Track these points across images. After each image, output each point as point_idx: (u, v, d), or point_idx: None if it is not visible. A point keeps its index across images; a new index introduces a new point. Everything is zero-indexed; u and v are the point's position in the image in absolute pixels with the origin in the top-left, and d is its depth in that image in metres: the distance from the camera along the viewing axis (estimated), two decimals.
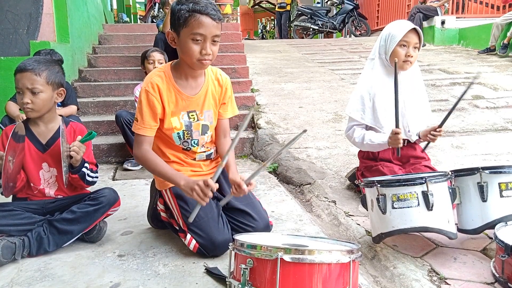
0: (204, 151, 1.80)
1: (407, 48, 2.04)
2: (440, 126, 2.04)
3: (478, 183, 1.64)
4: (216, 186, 1.49)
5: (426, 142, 2.12)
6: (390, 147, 2.08)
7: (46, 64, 1.73)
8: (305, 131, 1.38)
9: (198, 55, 1.56)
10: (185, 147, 1.75)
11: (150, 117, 1.64)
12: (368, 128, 2.19)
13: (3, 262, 1.60)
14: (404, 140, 2.16)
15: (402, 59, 2.05)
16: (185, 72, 1.69)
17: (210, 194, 1.48)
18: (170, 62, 1.74)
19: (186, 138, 1.73)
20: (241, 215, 1.73)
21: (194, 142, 1.75)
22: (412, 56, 2.05)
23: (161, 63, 3.20)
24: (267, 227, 1.75)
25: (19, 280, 1.51)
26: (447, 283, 1.48)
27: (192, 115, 1.72)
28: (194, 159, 1.78)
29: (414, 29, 2.04)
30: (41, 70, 1.70)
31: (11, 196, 1.82)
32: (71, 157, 1.71)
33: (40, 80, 1.70)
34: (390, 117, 2.12)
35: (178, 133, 1.71)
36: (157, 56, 3.27)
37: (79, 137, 1.76)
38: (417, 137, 2.17)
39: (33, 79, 1.68)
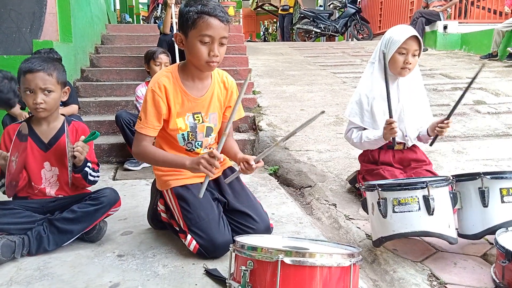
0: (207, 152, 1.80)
1: (406, 55, 2.04)
2: (448, 118, 1.98)
3: (479, 188, 1.64)
4: (221, 156, 1.48)
5: (433, 137, 2.09)
6: (387, 144, 2.10)
7: (53, 64, 1.75)
8: (323, 112, 1.37)
9: (206, 57, 1.58)
10: (188, 148, 1.75)
11: (154, 117, 1.65)
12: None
13: (3, 261, 1.60)
14: (402, 143, 2.17)
15: (400, 66, 2.06)
16: (192, 74, 1.70)
17: (218, 164, 1.47)
18: (178, 63, 1.75)
19: (190, 139, 1.73)
20: (242, 217, 1.73)
21: (198, 143, 1.75)
22: (410, 63, 2.05)
23: (166, 66, 3.22)
24: (267, 229, 1.75)
25: (18, 279, 1.51)
26: None
27: (197, 117, 1.73)
28: None
29: (414, 35, 2.03)
30: (52, 70, 1.72)
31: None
32: (74, 157, 1.71)
33: (52, 79, 1.71)
34: None
35: (183, 134, 1.71)
36: (164, 59, 3.32)
37: (83, 137, 1.77)
38: (415, 142, 2.18)
39: (46, 79, 1.69)
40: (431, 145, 2.12)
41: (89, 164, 1.78)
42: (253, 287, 1.14)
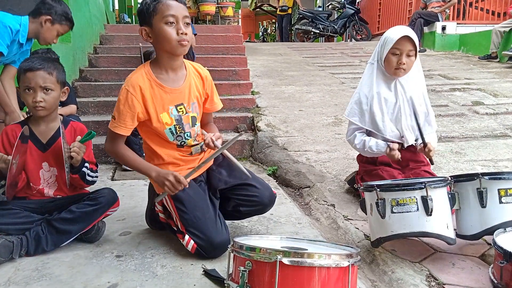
0: (198, 143, 1.81)
1: (400, 55, 2.04)
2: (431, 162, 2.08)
3: (477, 189, 1.64)
4: (187, 183, 1.59)
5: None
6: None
7: (53, 63, 1.77)
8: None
9: (176, 36, 1.59)
10: (179, 142, 1.75)
11: (128, 116, 1.65)
12: (368, 132, 2.19)
13: (1, 261, 1.60)
14: (400, 144, 2.16)
15: (394, 66, 2.06)
16: (164, 66, 1.70)
17: (180, 188, 1.59)
18: (149, 61, 1.76)
19: (179, 132, 1.73)
20: (243, 188, 1.76)
21: (187, 135, 1.75)
22: (404, 64, 2.05)
23: None
24: (271, 196, 1.79)
25: (16, 279, 1.51)
26: None
27: (180, 108, 1.73)
28: (191, 153, 1.79)
29: (407, 35, 2.03)
30: (52, 69, 1.74)
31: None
32: (71, 157, 1.71)
33: (52, 78, 1.73)
34: (388, 121, 2.13)
35: (170, 128, 1.71)
36: None
37: (79, 137, 1.77)
38: (413, 143, 2.17)
39: (45, 77, 1.71)
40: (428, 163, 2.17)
41: (86, 164, 1.78)
42: (252, 287, 1.14)
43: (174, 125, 1.71)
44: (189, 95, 1.75)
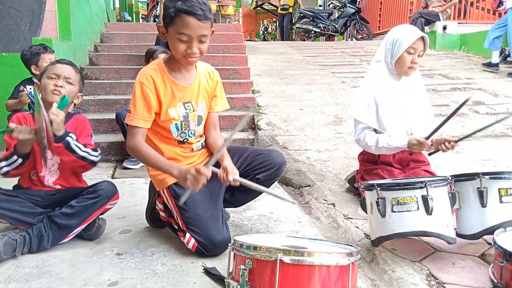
0: (199, 141, 1.83)
1: (414, 55, 2.05)
2: (458, 141, 1.96)
3: (478, 188, 1.64)
4: (209, 172, 1.50)
5: (434, 150, 2.10)
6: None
7: (79, 70, 1.94)
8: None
9: (183, 52, 1.60)
10: (182, 138, 1.76)
11: (144, 108, 1.65)
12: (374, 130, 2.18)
13: (3, 259, 1.60)
14: None
15: (407, 66, 2.06)
16: (178, 65, 1.72)
17: (204, 180, 1.49)
18: (163, 57, 1.77)
19: (183, 129, 1.74)
20: (253, 160, 1.82)
21: (191, 132, 1.77)
22: (416, 63, 2.06)
23: None
24: (279, 154, 1.85)
25: (16, 277, 1.51)
26: None
27: (188, 106, 1.74)
28: (192, 149, 1.80)
29: (422, 37, 2.04)
30: (77, 70, 1.90)
31: (11, 185, 1.85)
32: (51, 122, 1.64)
33: (77, 76, 1.88)
34: (393, 120, 2.12)
35: (176, 124, 1.72)
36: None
37: (55, 104, 1.73)
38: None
39: (71, 72, 1.86)
40: (429, 155, 2.13)
41: (71, 134, 1.74)
42: (252, 286, 1.14)
43: (181, 121, 1.73)
44: (198, 94, 1.76)
